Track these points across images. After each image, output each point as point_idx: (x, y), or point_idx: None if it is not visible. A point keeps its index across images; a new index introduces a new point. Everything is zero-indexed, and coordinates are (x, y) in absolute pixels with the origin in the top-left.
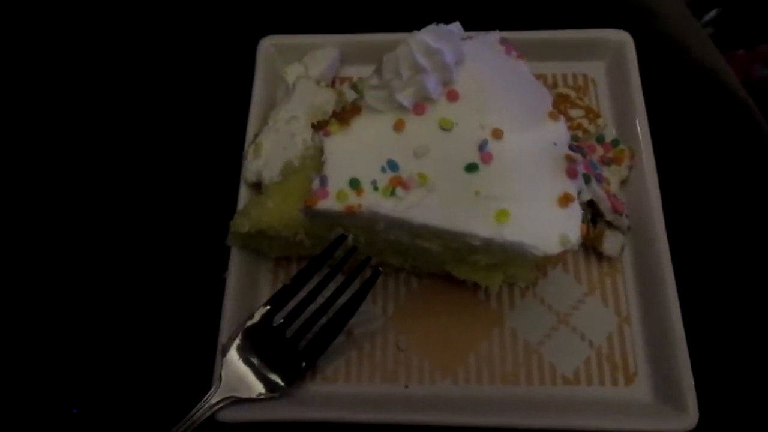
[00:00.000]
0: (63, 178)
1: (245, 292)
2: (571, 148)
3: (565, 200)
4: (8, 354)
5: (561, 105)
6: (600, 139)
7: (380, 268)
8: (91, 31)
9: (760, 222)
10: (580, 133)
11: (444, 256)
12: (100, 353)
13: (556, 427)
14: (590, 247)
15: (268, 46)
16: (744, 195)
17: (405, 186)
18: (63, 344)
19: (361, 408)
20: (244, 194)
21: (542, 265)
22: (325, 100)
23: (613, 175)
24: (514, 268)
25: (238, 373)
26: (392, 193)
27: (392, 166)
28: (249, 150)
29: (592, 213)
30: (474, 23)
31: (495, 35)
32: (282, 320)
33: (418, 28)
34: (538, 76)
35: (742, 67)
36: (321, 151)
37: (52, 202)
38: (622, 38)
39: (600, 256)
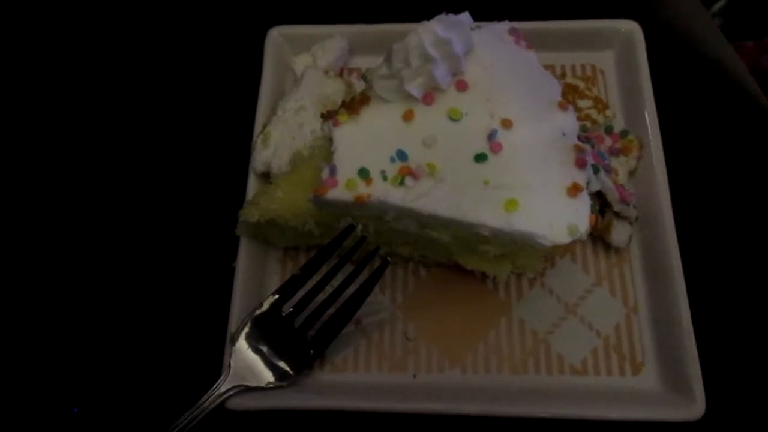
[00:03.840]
0: (72, 170)
1: (254, 282)
2: (579, 138)
3: (573, 190)
4: (8, 351)
5: (569, 95)
6: (608, 130)
7: (389, 258)
8: (100, 23)
9: None
10: (588, 124)
11: (452, 246)
12: (111, 342)
13: (564, 417)
14: (598, 237)
15: (276, 36)
16: (752, 186)
17: (414, 176)
18: (74, 333)
19: (369, 397)
20: (253, 184)
21: (550, 255)
22: (334, 90)
23: (621, 165)
24: (522, 258)
25: (247, 361)
26: (401, 183)
27: (401, 155)
28: (258, 140)
29: (600, 203)
30: (483, 13)
31: (504, 25)
32: (291, 309)
33: (427, 19)
34: (547, 67)
35: (750, 59)
36: (330, 140)
37: (58, 194)
38: (630, 28)
39: (608, 247)
